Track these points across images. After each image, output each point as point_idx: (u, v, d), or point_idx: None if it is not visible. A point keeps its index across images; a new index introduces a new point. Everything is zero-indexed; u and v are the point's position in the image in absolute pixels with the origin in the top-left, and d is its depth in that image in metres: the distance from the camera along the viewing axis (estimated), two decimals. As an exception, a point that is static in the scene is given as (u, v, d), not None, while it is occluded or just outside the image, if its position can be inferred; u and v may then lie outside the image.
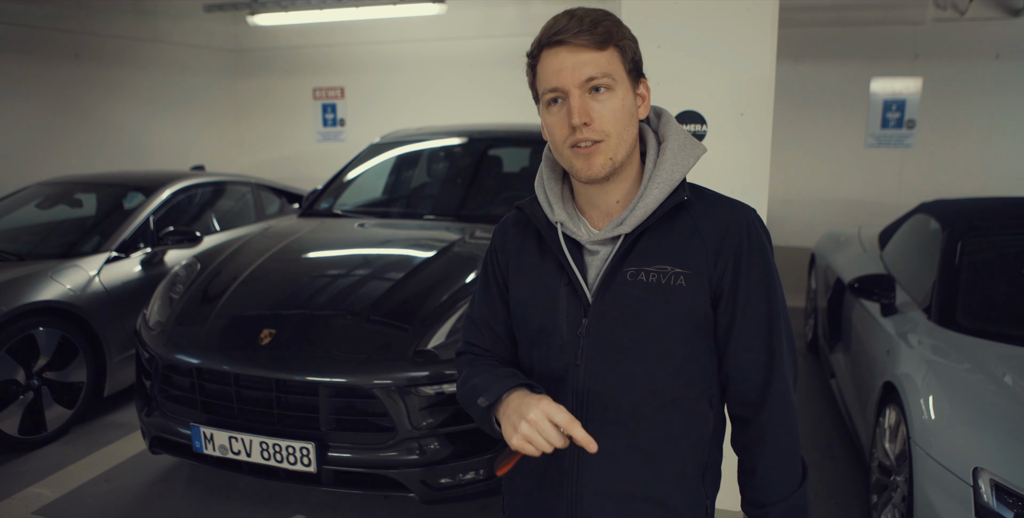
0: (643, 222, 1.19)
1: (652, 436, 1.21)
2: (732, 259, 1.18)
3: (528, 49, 1.20)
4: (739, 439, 1.26)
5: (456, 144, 4.73)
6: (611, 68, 1.15)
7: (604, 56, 1.14)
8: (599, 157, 1.16)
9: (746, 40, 2.47)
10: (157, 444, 3.02)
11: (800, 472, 1.24)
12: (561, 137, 1.17)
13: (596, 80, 1.14)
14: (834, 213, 6.56)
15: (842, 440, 3.76)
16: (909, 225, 3.98)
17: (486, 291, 1.37)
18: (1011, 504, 1.99)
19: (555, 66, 1.15)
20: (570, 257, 1.22)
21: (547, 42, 1.16)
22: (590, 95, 1.15)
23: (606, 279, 1.20)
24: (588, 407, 1.21)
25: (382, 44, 7.95)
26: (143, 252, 4.37)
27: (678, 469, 1.22)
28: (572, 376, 1.22)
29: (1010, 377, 2.42)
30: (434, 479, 2.65)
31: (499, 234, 1.38)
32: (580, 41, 1.13)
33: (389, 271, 3.26)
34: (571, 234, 1.24)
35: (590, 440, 1.07)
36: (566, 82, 1.14)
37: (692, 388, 1.21)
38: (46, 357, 3.71)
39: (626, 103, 1.18)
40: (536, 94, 1.22)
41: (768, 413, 1.21)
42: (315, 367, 2.70)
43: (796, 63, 6.38)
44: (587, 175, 1.18)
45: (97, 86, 6.85)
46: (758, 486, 1.23)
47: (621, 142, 1.17)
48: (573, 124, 1.14)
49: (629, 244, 1.20)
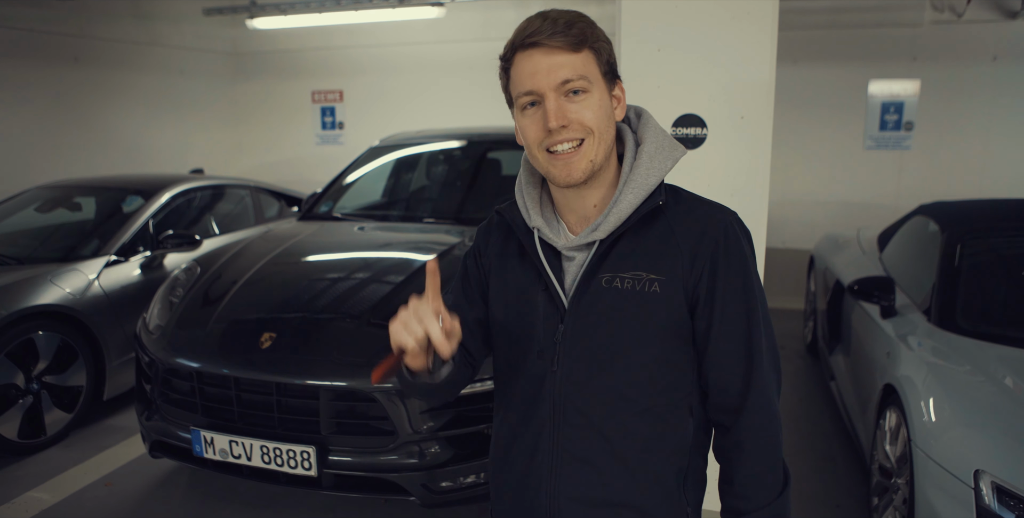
0: (617, 228, 1.18)
1: (629, 443, 1.20)
2: (708, 264, 1.16)
3: (501, 52, 1.18)
4: (719, 446, 1.25)
5: (455, 147, 4.74)
6: (587, 70, 1.13)
7: (579, 58, 1.13)
8: (580, 161, 1.14)
9: (746, 43, 2.48)
10: (157, 448, 3.01)
11: (781, 480, 1.21)
12: (536, 140, 1.16)
13: (572, 83, 1.12)
14: (833, 215, 6.56)
15: (842, 443, 3.76)
16: (908, 227, 3.98)
17: (463, 288, 1.37)
18: (1012, 506, 1.99)
19: (529, 69, 1.13)
20: (546, 263, 1.22)
21: (520, 44, 1.14)
22: (566, 98, 1.13)
23: (582, 285, 1.19)
24: (565, 413, 1.21)
25: (381, 47, 7.96)
26: (142, 256, 4.37)
27: (656, 476, 1.21)
28: (549, 382, 1.21)
29: (1010, 379, 2.42)
30: (435, 483, 2.64)
31: (482, 235, 1.38)
32: (555, 43, 1.11)
33: (389, 274, 3.26)
34: (548, 240, 1.23)
35: (442, 340, 1.06)
36: (541, 85, 1.12)
37: (670, 395, 1.20)
38: (45, 361, 3.70)
39: (603, 105, 1.16)
40: (510, 98, 1.20)
41: (748, 419, 1.19)
42: (315, 371, 2.70)
43: (794, 65, 6.39)
44: (566, 181, 1.16)
45: (96, 89, 6.85)
46: (738, 493, 1.21)
47: (601, 142, 1.16)
48: (550, 128, 1.12)
49: (605, 250, 1.19)
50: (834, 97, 6.52)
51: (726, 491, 1.24)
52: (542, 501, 1.23)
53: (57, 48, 6.46)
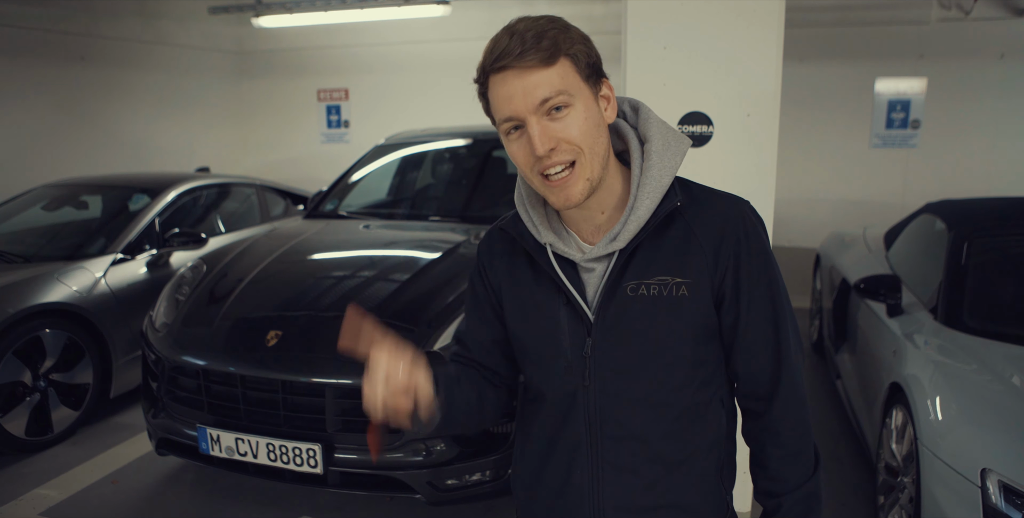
0: (637, 235, 1.14)
1: (670, 445, 1.19)
2: (732, 260, 1.15)
3: (474, 75, 1.11)
4: (751, 431, 1.25)
5: (460, 145, 4.74)
6: (565, 83, 1.06)
7: (555, 71, 1.05)
8: (576, 183, 1.09)
9: (752, 41, 2.47)
10: (163, 445, 3.03)
11: (813, 461, 1.23)
12: (527, 165, 1.10)
13: (551, 100, 1.05)
14: (839, 213, 6.54)
15: (848, 441, 3.75)
16: (915, 225, 3.97)
17: (476, 309, 1.33)
18: (1020, 505, 1.98)
19: (505, 93, 1.06)
20: (564, 277, 1.18)
21: (491, 69, 1.07)
22: (548, 117, 1.06)
23: (606, 296, 1.16)
24: (603, 426, 1.19)
25: (386, 46, 7.96)
26: (149, 254, 4.38)
27: (698, 472, 1.21)
28: (582, 397, 1.19)
29: (1017, 378, 2.41)
30: (440, 480, 2.65)
31: (485, 254, 1.31)
32: (526, 63, 1.04)
33: (394, 272, 3.26)
34: (562, 253, 1.18)
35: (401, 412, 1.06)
36: (519, 109, 1.06)
37: (704, 392, 1.20)
38: (52, 359, 3.72)
39: (590, 115, 1.09)
40: (494, 121, 1.14)
41: (780, 405, 1.20)
42: (321, 368, 2.70)
43: (800, 63, 6.36)
44: (566, 205, 1.12)
45: (102, 88, 6.87)
46: (772, 477, 1.22)
47: (594, 155, 1.10)
48: (537, 155, 1.07)
49: (626, 258, 1.16)
50: (840, 95, 6.50)
51: (760, 474, 1.24)
52: (586, 514, 1.22)
53: (63, 47, 6.48)
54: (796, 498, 1.20)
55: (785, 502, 1.20)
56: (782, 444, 1.21)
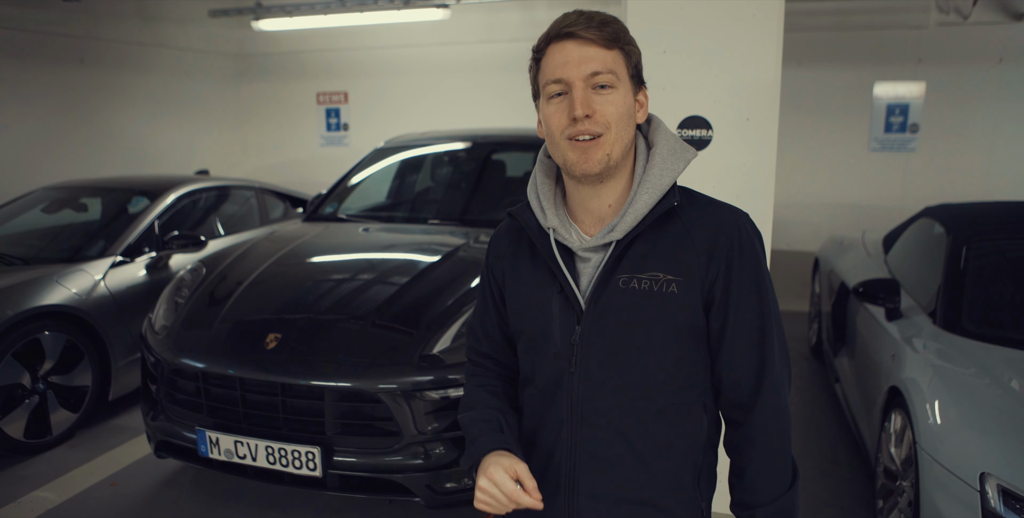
0: (634, 228, 1.19)
1: (647, 441, 1.22)
2: (724, 265, 1.18)
3: (535, 44, 1.21)
4: (730, 441, 1.27)
5: (460, 149, 4.74)
6: (616, 67, 1.16)
7: (610, 55, 1.16)
8: (597, 151, 1.16)
9: (751, 45, 2.48)
10: (162, 448, 3.02)
11: (790, 475, 1.24)
12: (559, 127, 1.18)
13: (600, 76, 1.15)
14: (838, 217, 6.55)
15: (847, 445, 3.75)
16: (913, 229, 3.97)
17: (483, 299, 1.40)
18: (1019, 510, 1.98)
19: (561, 58, 1.16)
20: (563, 264, 1.23)
21: (556, 35, 1.17)
22: (593, 90, 1.16)
23: (598, 286, 1.20)
24: (583, 413, 1.22)
25: (386, 49, 7.98)
26: (148, 256, 4.38)
27: (673, 473, 1.23)
28: (568, 382, 1.23)
29: (1016, 382, 2.41)
30: (439, 484, 2.65)
31: (494, 242, 1.40)
32: (589, 35, 1.14)
33: (394, 275, 3.26)
34: (562, 241, 1.24)
35: (535, 503, 1.14)
36: (571, 74, 1.15)
37: (686, 393, 1.23)
38: (51, 361, 3.72)
39: (627, 104, 1.19)
40: (536, 89, 1.23)
41: (759, 415, 1.22)
42: (320, 371, 2.70)
43: (799, 67, 6.38)
44: (582, 169, 1.18)
45: (102, 91, 6.87)
46: (747, 487, 1.23)
47: (619, 139, 1.18)
48: (575, 115, 1.15)
49: (621, 251, 1.20)
50: (839, 99, 6.51)
51: (736, 485, 1.26)
52: (561, 500, 1.25)
53: (63, 49, 6.49)
54: (769, 512, 1.21)
55: (758, 514, 1.22)
56: (759, 454, 1.22)
